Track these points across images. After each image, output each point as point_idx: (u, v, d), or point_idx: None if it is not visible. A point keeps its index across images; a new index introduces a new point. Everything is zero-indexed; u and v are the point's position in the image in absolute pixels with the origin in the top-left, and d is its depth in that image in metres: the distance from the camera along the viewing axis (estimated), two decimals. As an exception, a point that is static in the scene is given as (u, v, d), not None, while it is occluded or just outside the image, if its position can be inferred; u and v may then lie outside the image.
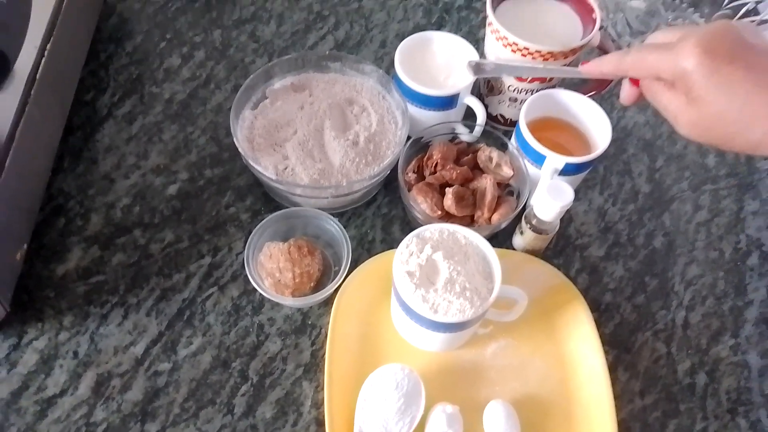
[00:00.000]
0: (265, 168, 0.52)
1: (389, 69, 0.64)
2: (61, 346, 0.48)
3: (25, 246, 0.50)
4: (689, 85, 0.37)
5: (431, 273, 0.44)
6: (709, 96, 0.36)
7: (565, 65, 0.55)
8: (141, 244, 0.53)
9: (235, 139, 0.52)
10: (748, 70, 0.35)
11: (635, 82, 0.44)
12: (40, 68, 0.51)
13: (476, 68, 0.53)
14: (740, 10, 0.68)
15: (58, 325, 0.49)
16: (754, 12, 0.68)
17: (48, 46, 0.52)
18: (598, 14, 0.55)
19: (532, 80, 0.56)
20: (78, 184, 0.56)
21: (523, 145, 0.53)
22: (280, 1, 0.71)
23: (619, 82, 0.46)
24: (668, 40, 0.39)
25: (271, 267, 0.49)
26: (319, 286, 0.51)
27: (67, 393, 0.46)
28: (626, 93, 0.45)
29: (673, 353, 0.52)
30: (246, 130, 0.55)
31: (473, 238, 0.46)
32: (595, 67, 0.45)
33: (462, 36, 0.67)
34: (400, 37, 0.67)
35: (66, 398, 0.46)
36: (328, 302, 0.50)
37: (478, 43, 0.67)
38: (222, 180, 0.57)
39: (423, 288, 0.43)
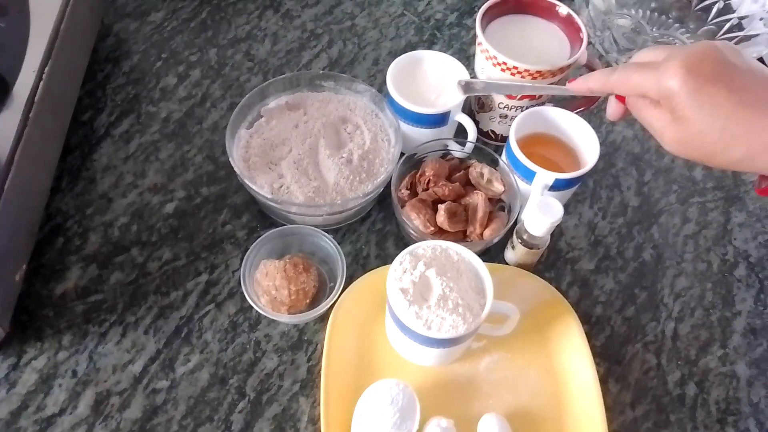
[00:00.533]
0: (261, 187, 0.53)
1: (382, 86, 0.65)
2: (60, 365, 0.49)
3: (25, 266, 0.50)
4: (674, 104, 0.38)
5: (424, 290, 0.45)
6: (693, 115, 0.37)
7: (553, 83, 0.56)
8: (139, 263, 0.54)
9: (230, 159, 0.53)
10: (731, 91, 0.36)
11: (621, 98, 0.45)
12: (39, 90, 0.52)
13: (466, 87, 0.55)
14: (724, 25, 0.70)
15: (57, 345, 0.50)
16: (738, 27, 0.70)
17: (46, 69, 0.53)
18: (584, 33, 0.56)
19: (522, 97, 0.57)
20: (76, 204, 0.57)
21: (514, 161, 0.54)
22: (275, 20, 0.73)
23: (607, 99, 0.47)
24: (654, 58, 0.41)
25: (267, 284, 0.50)
26: (314, 302, 0.52)
27: (66, 412, 0.47)
28: (613, 109, 0.46)
29: (663, 364, 0.53)
30: (242, 149, 0.56)
31: (465, 255, 0.47)
32: (582, 84, 0.46)
33: (453, 53, 0.69)
34: (393, 54, 0.69)
35: (65, 417, 0.47)
36: (324, 318, 0.51)
37: (468, 59, 0.69)
38: (218, 198, 0.58)
39: (416, 305, 0.44)
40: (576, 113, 0.57)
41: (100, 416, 0.47)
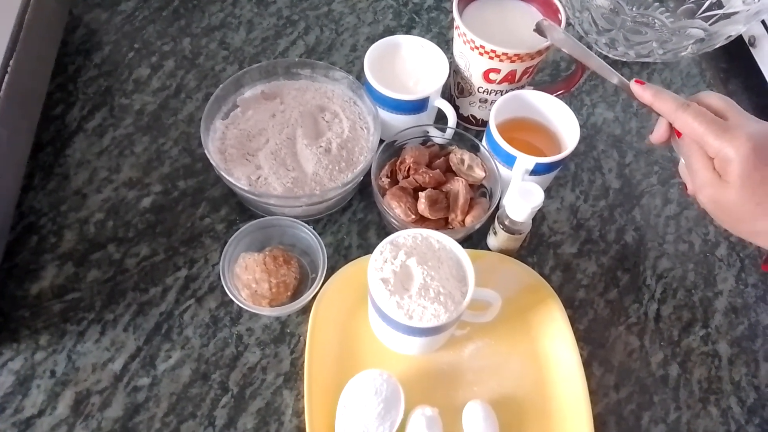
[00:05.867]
0: (238, 179, 0.52)
1: (360, 72, 0.64)
2: (38, 366, 0.48)
3: (-3, 266, 0.49)
4: (728, 169, 0.39)
5: (405, 279, 0.44)
6: (740, 184, 0.39)
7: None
8: (116, 259, 0.53)
9: (206, 151, 0.52)
10: None
11: (678, 133, 0.44)
12: (4, 85, 0.50)
13: (547, 28, 0.50)
14: (704, 3, 0.69)
15: (35, 345, 0.49)
16: (717, 5, 0.69)
17: (11, 62, 0.51)
18: (563, 14, 0.56)
19: (501, 81, 0.57)
20: (50, 201, 0.55)
21: (494, 146, 0.53)
22: (249, 7, 0.71)
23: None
24: (720, 107, 0.41)
25: (247, 278, 0.49)
26: (296, 294, 0.51)
27: (45, 413, 0.46)
28: (660, 135, 0.45)
29: (646, 346, 0.53)
30: (218, 141, 0.54)
31: (447, 242, 0.47)
32: (648, 95, 0.44)
33: (432, 37, 0.68)
34: (371, 40, 0.67)
35: (44, 418, 0.46)
36: (306, 310, 0.50)
37: (448, 43, 0.68)
38: (196, 191, 0.57)
39: (398, 294, 0.43)
40: (556, 96, 0.56)
41: (81, 416, 0.46)
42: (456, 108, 0.61)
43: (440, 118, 0.60)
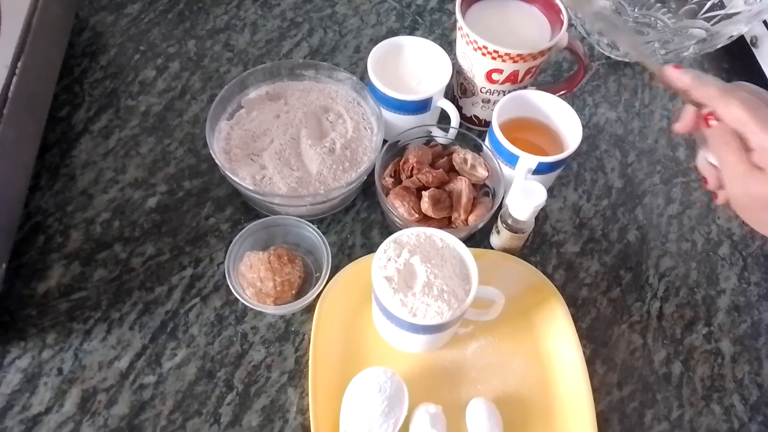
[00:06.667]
0: (243, 179, 0.52)
1: (364, 74, 0.65)
2: (45, 364, 0.48)
3: (5, 266, 0.50)
4: (767, 161, 0.37)
5: (409, 277, 0.45)
6: None
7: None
8: (122, 259, 0.54)
9: (211, 152, 0.52)
10: None
11: (706, 120, 0.41)
12: (12, 87, 0.51)
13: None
14: (706, 4, 0.70)
15: (42, 343, 0.49)
16: (719, 5, 0.70)
17: (19, 64, 0.52)
18: (565, 15, 0.56)
19: (504, 81, 0.57)
20: (56, 201, 0.56)
21: (497, 146, 0.54)
22: (254, 9, 0.72)
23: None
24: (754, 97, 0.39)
25: (251, 277, 0.50)
26: (301, 293, 0.52)
27: (52, 410, 0.46)
28: (687, 123, 0.43)
29: (648, 344, 0.53)
30: (222, 142, 0.55)
31: (450, 241, 0.47)
32: (688, 79, 0.41)
33: (435, 38, 0.69)
34: (374, 41, 0.68)
35: (51, 416, 0.46)
36: (310, 309, 0.51)
37: (450, 45, 0.69)
38: (201, 191, 0.58)
39: (401, 292, 0.44)
40: (558, 96, 0.57)
41: (87, 413, 0.47)
42: (459, 108, 0.61)
43: (443, 119, 0.60)
